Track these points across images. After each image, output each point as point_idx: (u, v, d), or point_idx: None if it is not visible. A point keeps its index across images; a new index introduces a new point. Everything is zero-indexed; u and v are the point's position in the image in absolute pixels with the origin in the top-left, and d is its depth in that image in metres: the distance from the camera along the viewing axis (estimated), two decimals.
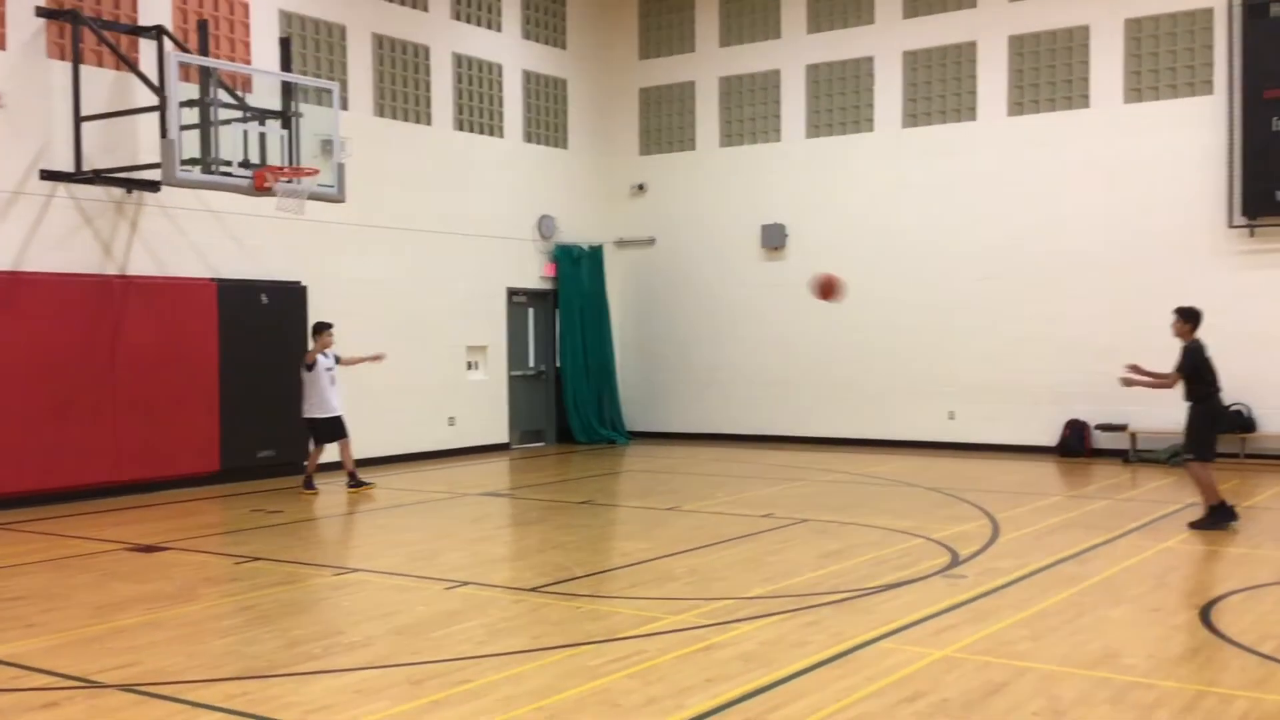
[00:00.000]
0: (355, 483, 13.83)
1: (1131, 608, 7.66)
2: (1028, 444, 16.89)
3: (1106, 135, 16.44)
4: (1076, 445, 16.40)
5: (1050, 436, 16.73)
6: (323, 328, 13.69)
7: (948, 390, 17.60)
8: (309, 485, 13.67)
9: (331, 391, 13.67)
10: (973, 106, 17.45)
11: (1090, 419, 16.51)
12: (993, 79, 17.26)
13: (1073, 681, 6.04)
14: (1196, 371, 10.50)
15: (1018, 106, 17.13)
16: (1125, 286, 16.27)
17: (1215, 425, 10.70)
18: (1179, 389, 10.64)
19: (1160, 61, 16.17)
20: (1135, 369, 10.87)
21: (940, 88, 17.69)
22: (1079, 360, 16.56)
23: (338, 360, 13.86)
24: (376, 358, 14.19)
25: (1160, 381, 10.76)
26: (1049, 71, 16.91)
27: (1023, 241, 16.98)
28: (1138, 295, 16.17)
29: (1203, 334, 15.64)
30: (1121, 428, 16.17)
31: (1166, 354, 15.82)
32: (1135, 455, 15.92)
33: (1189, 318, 10.78)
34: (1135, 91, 16.34)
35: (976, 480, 14.00)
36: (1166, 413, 15.89)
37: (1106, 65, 16.47)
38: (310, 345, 13.86)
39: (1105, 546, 9.80)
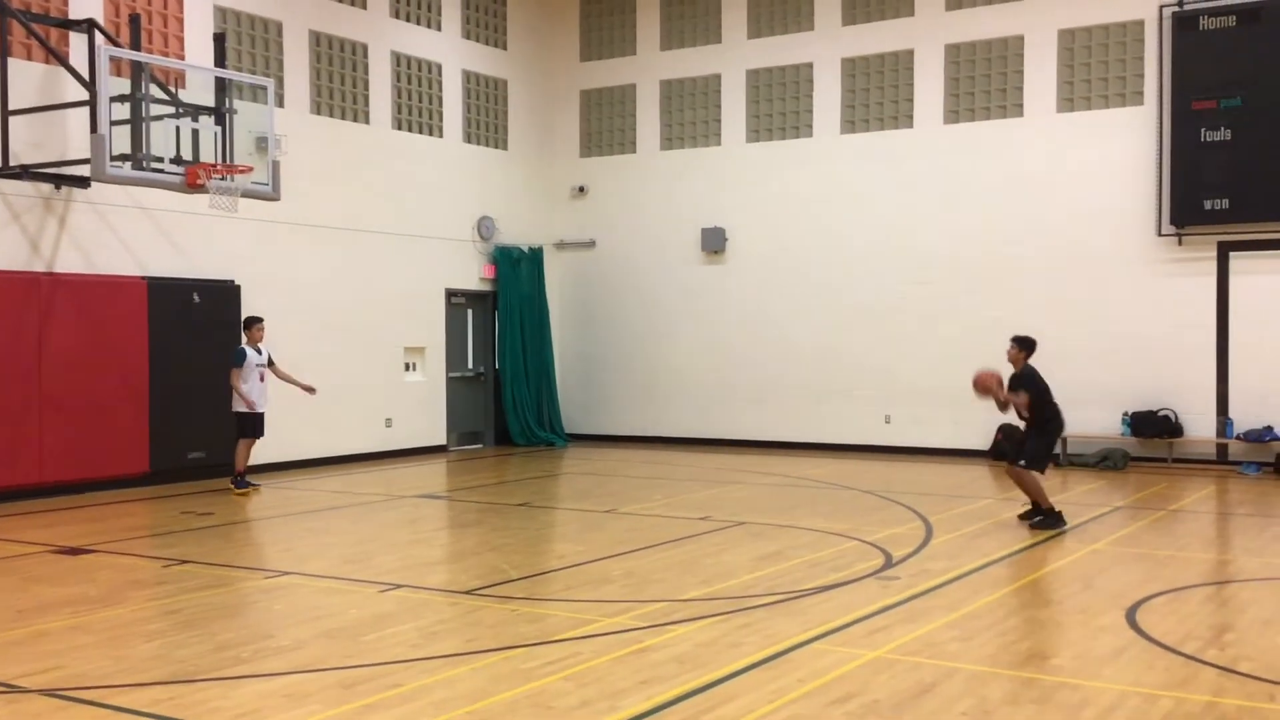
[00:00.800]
0: (243, 484, 13.55)
1: (1059, 609, 7.79)
2: (961, 448, 17.10)
3: (1040, 144, 16.70)
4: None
5: (983, 440, 16.94)
6: (253, 321, 13.64)
7: (884, 394, 17.77)
8: (241, 484, 13.49)
9: (260, 388, 13.56)
10: (910, 114, 17.64)
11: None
12: (929, 87, 17.46)
13: (1000, 682, 6.12)
14: (1042, 397, 11.05)
15: (953, 114, 17.34)
16: (1058, 292, 16.53)
17: (1053, 444, 11.41)
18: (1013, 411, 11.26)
19: (1093, 72, 16.46)
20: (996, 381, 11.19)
21: (878, 94, 17.87)
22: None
23: (270, 361, 13.72)
24: (309, 389, 14.02)
25: (1009, 400, 11.13)
26: (984, 80, 17.14)
27: (958, 247, 17.19)
28: (1070, 301, 16.45)
29: (1133, 339, 16.05)
30: None
31: (1101, 357, 16.23)
32: (1065, 459, 16.17)
33: (1024, 346, 11.47)
34: (1068, 101, 16.61)
35: (911, 483, 14.15)
36: (1097, 416, 16.24)
37: (1040, 75, 16.74)
38: (242, 340, 13.76)
39: (1035, 549, 9.94)
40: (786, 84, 18.55)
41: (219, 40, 13.97)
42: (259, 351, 13.59)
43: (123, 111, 12.14)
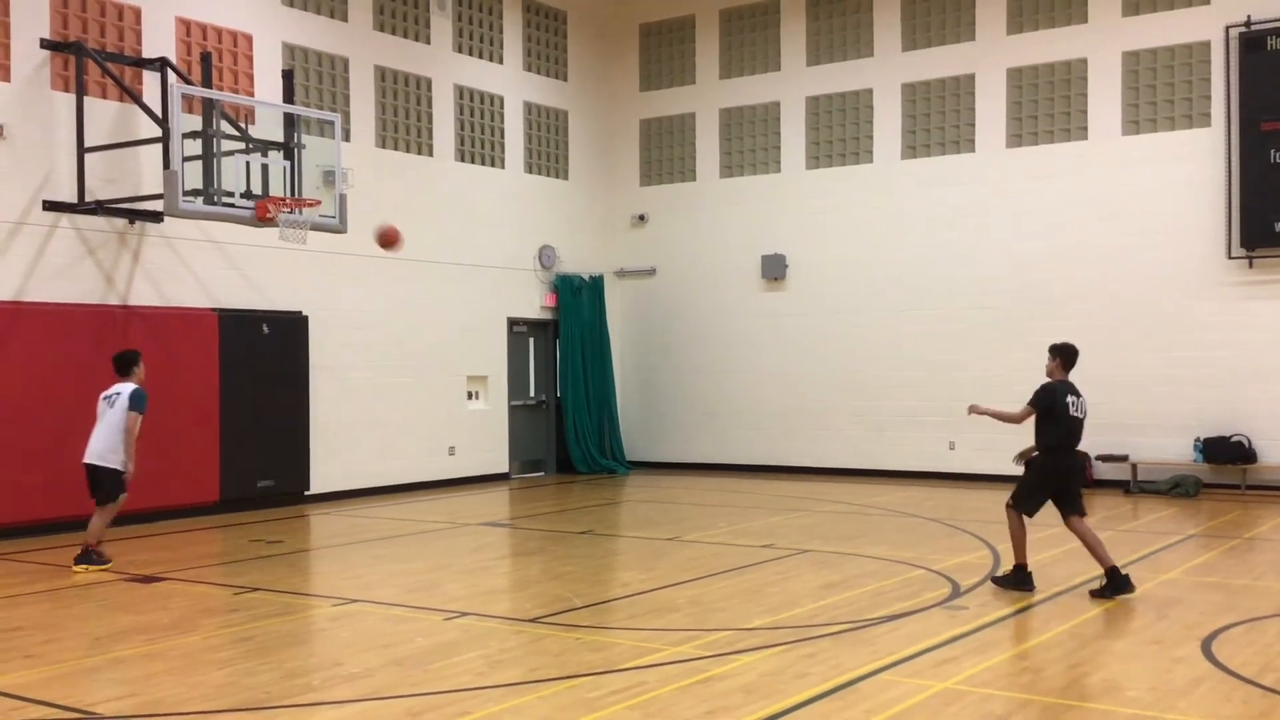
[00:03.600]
0: (101, 559, 10.59)
1: (1133, 640, 7.64)
2: None
3: (1105, 167, 16.52)
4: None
5: None
6: (138, 357, 11.13)
7: (948, 420, 17.58)
8: (99, 559, 10.58)
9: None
10: (971, 138, 17.54)
11: (1090, 449, 16.45)
12: (991, 111, 17.36)
13: (1075, 714, 6.02)
14: (1050, 413, 9.25)
15: (1016, 138, 17.21)
16: (1124, 317, 16.30)
17: (1049, 478, 9.28)
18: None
19: (1158, 94, 16.27)
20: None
21: (939, 119, 17.79)
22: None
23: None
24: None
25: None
26: (1047, 104, 17.00)
27: (1022, 272, 17.02)
28: (1136, 326, 16.22)
29: (1204, 363, 15.75)
30: (1123, 458, 16.15)
31: (1172, 383, 15.95)
32: (1136, 486, 15.90)
33: (1056, 354, 9.68)
34: (1133, 124, 16.42)
35: (977, 511, 13.97)
36: (1169, 442, 15.96)
37: (1104, 97, 16.57)
38: (141, 377, 11.07)
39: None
40: (846, 110, 18.52)
41: (287, 77, 14.26)
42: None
43: (194, 147, 12.42)
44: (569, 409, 19.31)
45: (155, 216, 13.26)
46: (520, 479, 18.64)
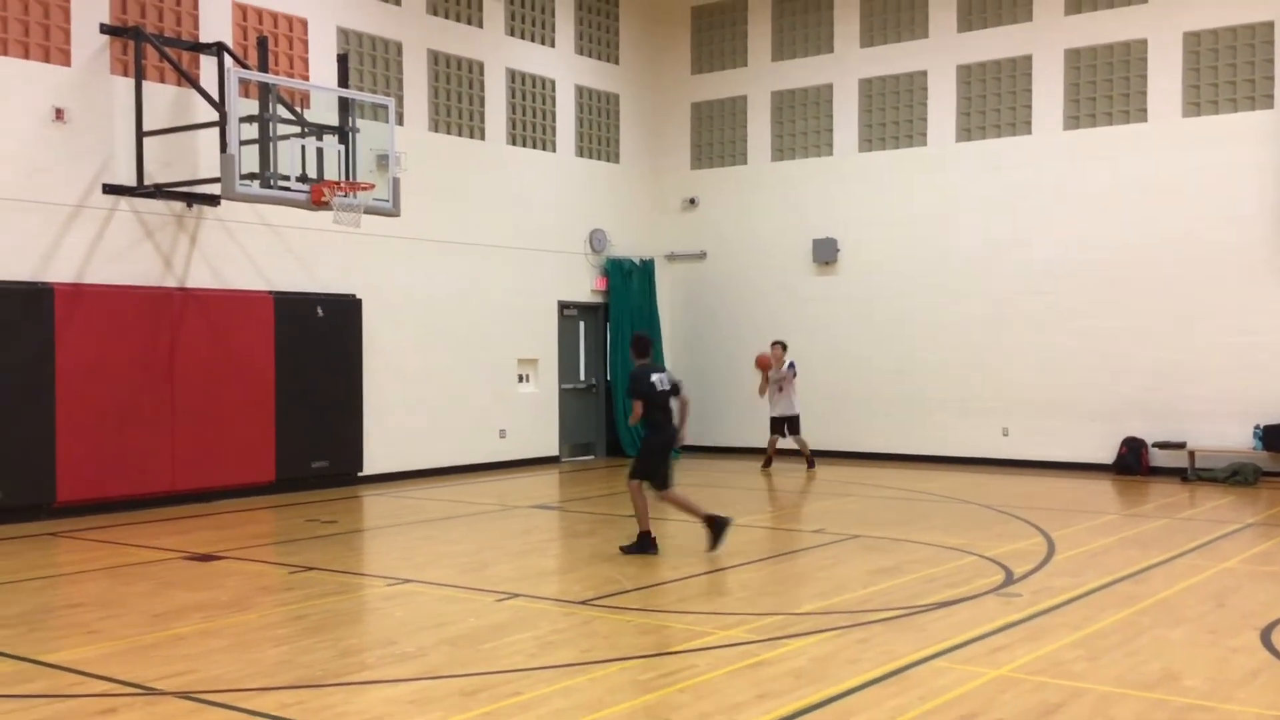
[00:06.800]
0: None
1: (1190, 628, 7.54)
2: (1083, 461, 16.68)
3: (1165, 149, 16.24)
4: (1133, 463, 16.15)
5: (1106, 454, 16.51)
6: None
7: (1001, 406, 17.43)
8: None
9: None
10: (1028, 120, 17.31)
11: (1147, 436, 16.27)
12: (1048, 92, 17.11)
13: (1130, 703, 5.95)
14: (644, 397, 10.42)
15: (1073, 120, 16.97)
16: (1184, 301, 16.05)
17: (657, 451, 10.48)
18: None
19: (1219, 75, 15.95)
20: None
21: (995, 101, 17.57)
22: (1136, 377, 16.36)
23: None
24: None
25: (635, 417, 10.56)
26: (1105, 85, 16.73)
27: (1079, 255, 16.80)
28: (1197, 310, 15.96)
29: (1264, 349, 15.47)
30: (1180, 446, 15.92)
31: (1230, 369, 15.68)
32: (1194, 474, 15.67)
33: (631, 345, 10.89)
34: (1194, 105, 16.13)
35: (1030, 498, 13.84)
36: (1227, 430, 15.71)
37: (1164, 79, 16.28)
38: None
39: (1163, 566, 9.65)
40: (900, 92, 18.35)
41: (342, 61, 14.34)
42: None
43: (251, 131, 12.53)
44: (619, 392, 19.32)
45: (212, 200, 13.41)
46: (570, 462, 18.71)
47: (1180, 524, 12.05)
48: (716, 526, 10.11)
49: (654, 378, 10.54)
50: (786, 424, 17.27)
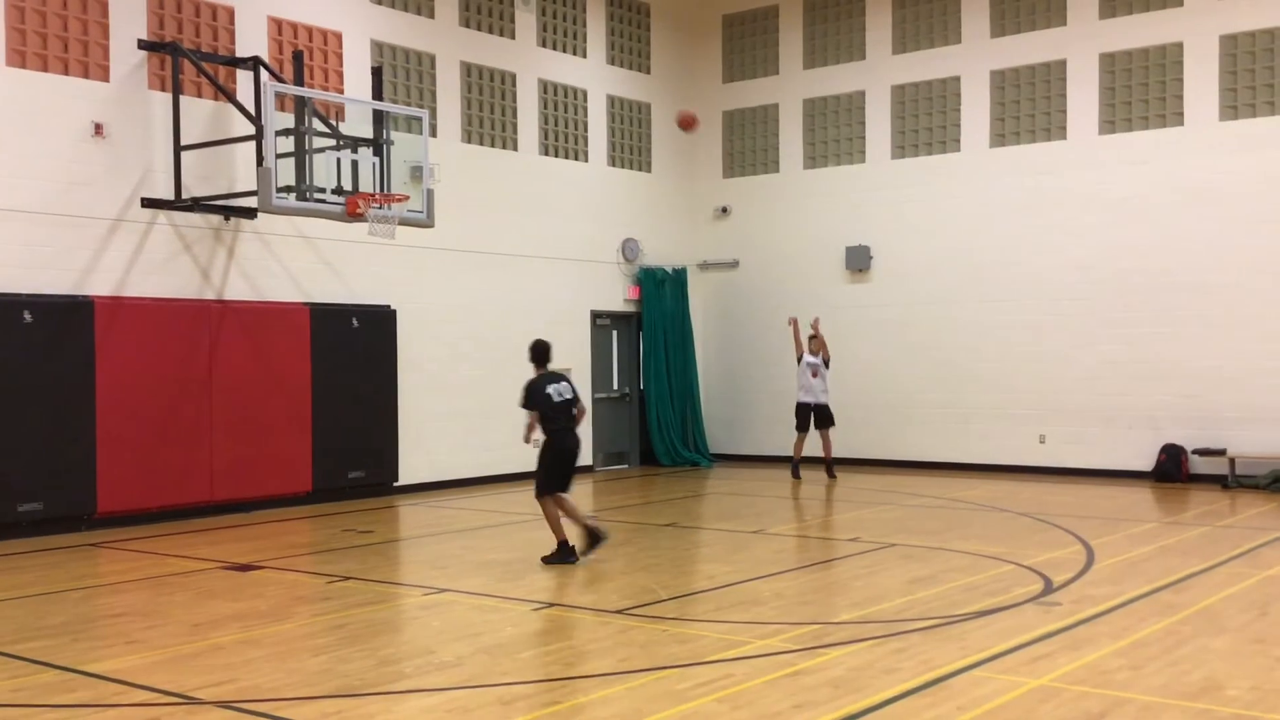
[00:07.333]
0: None
1: (1234, 637, 7.45)
2: (1121, 469, 16.52)
3: (1202, 153, 16.09)
4: (1173, 470, 15.99)
5: (1145, 461, 16.35)
6: None
7: (1037, 413, 17.30)
8: None
9: None
10: (1063, 125, 17.19)
11: (1187, 443, 16.10)
12: (1083, 97, 16.99)
13: (1174, 713, 5.89)
14: (540, 409, 10.43)
15: (1109, 125, 16.84)
16: (1220, 307, 15.88)
17: (557, 462, 10.45)
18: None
19: (1256, 78, 15.79)
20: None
21: (1029, 106, 17.47)
22: (1174, 383, 16.19)
23: None
24: None
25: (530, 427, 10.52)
26: (1141, 89, 16.61)
27: (1115, 262, 16.66)
28: (1233, 316, 15.79)
29: None
30: (1220, 452, 15.74)
31: (1269, 374, 15.48)
32: (1234, 481, 15.48)
33: (529, 352, 10.85)
34: (1231, 109, 15.97)
35: (1069, 505, 13.72)
36: (1268, 436, 15.52)
37: (1201, 82, 16.13)
38: None
39: (1204, 574, 9.54)
40: (933, 98, 18.28)
41: (376, 74, 14.46)
42: None
43: (286, 145, 12.65)
44: (652, 401, 19.34)
45: (249, 213, 13.54)
46: (604, 471, 18.72)
47: (1221, 531, 11.91)
48: (593, 537, 10.36)
49: (550, 388, 10.53)
50: (814, 413, 17.04)
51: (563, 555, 10.33)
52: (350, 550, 11.39)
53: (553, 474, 10.47)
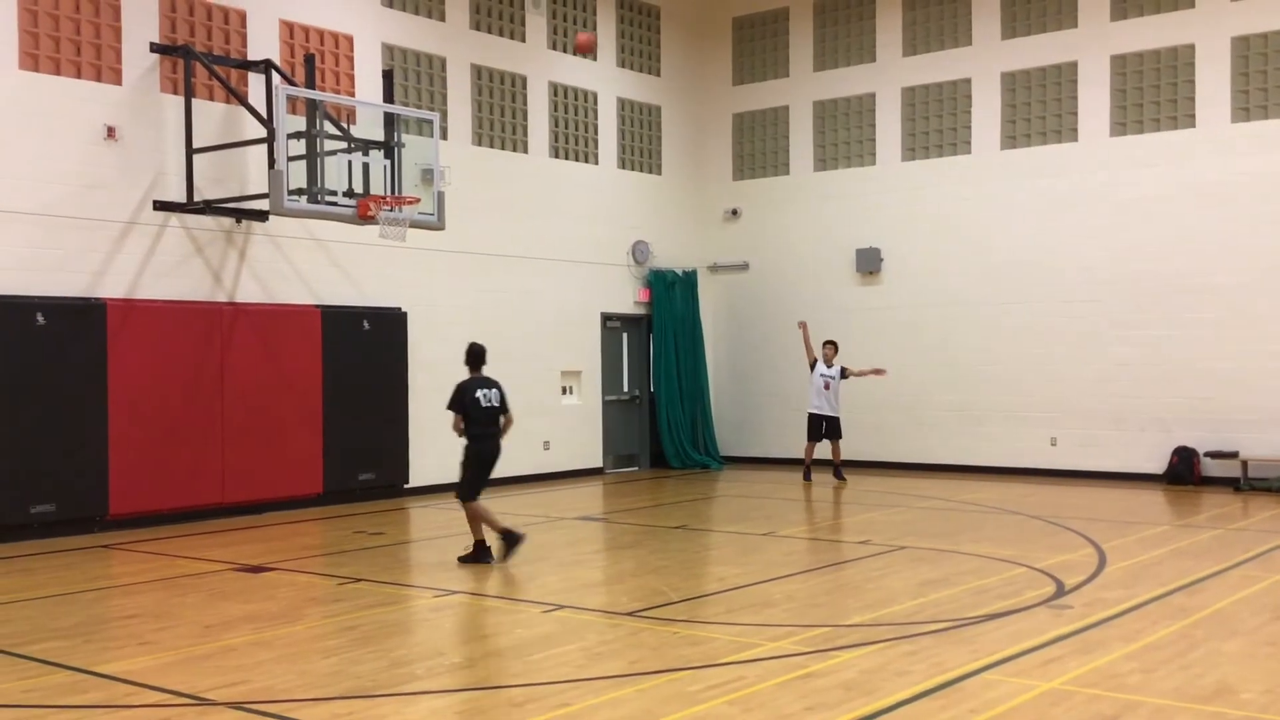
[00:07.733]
0: None
1: (1247, 640, 7.43)
2: (1133, 471, 16.47)
3: (1213, 155, 16.04)
4: (1185, 473, 15.93)
5: (1157, 464, 16.30)
6: None
7: (1048, 416, 17.26)
8: None
9: None
10: (1074, 127, 17.15)
11: (1199, 446, 16.05)
12: (1094, 99, 16.95)
13: (1186, 717, 5.87)
14: (465, 412, 10.57)
15: (1120, 127, 16.80)
16: (1231, 309, 15.83)
17: (477, 467, 10.69)
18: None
19: (1269, 80, 15.74)
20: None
21: (1040, 109, 17.44)
22: (1186, 386, 16.14)
23: None
24: None
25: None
26: (1153, 91, 16.56)
27: (1126, 264, 16.62)
28: (1244, 318, 15.73)
29: None
30: (1232, 455, 15.68)
31: (1277, 377, 15.48)
32: (1247, 483, 15.43)
33: (466, 355, 11.04)
34: (1243, 111, 15.92)
35: (1080, 508, 13.69)
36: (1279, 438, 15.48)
37: (1213, 84, 16.08)
38: None
39: (1217, 577, 9.51)
40: (944, 100, 18.25)
41: (387, 77, 14.49)
42: None
43: (298, 147, 12.66)
44: (662, 404, 19.33)
45: (261, 215, 13.57)
46: (614, 473, 18.72)
47: (1234, 534, 11.88)
48: (510, 540, 10.47)
49: (479, 393, 10.66)
50: (825, 425, 17.07)
51: (480, 555, 10.46)
52: (361, 552, 11.41)
53: (477, 478, 10.69)
